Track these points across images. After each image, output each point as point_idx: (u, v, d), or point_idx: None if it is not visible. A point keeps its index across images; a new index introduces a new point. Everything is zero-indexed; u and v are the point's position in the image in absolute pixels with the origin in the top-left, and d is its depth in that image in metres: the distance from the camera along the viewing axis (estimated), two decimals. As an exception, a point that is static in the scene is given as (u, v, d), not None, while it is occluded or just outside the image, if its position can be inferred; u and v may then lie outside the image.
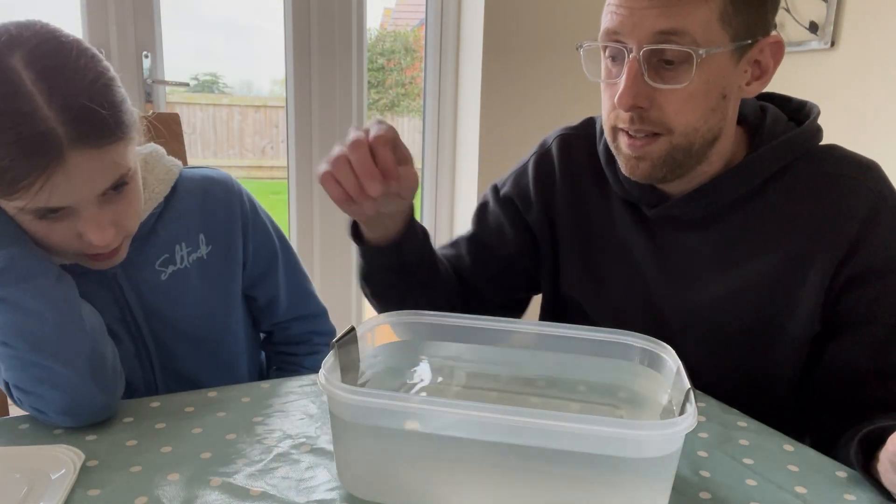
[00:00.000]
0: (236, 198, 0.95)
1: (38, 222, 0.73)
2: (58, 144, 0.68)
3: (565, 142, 1.00)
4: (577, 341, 0.72)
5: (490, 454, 0.57)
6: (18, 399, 0.73)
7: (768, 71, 0.81)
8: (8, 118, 0.66)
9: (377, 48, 8.87)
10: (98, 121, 0.70)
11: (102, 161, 0.72)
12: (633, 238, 0.92)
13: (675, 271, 0.89)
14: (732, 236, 0.86)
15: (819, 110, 0.88)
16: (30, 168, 0.67)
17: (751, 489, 0.63)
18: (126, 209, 0.78)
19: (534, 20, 2.14)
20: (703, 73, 0.77)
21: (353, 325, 0.70)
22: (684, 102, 0.78)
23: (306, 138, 2.13)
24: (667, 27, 0.75)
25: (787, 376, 0.86)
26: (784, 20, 2.06)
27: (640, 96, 0.78)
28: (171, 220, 0.89)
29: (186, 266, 0.90)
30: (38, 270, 0.72)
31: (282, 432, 0.71)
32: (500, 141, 2.17)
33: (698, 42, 0.75)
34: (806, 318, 0.82)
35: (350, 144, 0.71)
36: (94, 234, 0.74)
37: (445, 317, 0.76)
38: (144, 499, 0.58)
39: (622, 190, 0.92)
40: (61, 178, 0.69)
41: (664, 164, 0.82)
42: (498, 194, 1.03)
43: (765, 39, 0.79)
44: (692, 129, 0.80)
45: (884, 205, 0.80)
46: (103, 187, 0.73)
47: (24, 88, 0.67)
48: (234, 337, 0.97)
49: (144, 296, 0.87)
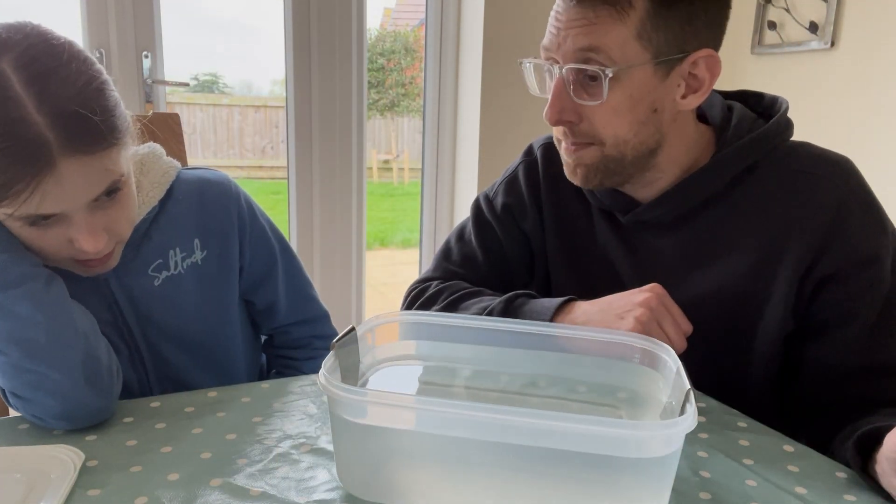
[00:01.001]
0: (233, 201, 0.93)
1: (29, 228, 0.72)
2: (48, 151, 0.66)
3: (549, 150, 1.01)
4: (577, 341, 0.72)
5: (490, 454, 0.57)
6: (16, 405, 0.73)
7: (704, 84, 0.82)
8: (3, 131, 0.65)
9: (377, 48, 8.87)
10: (89, 127, 0.69)
11: (94, 167, 0.70)
12: (612, 244, 0.94)
13: (650, 275, 0.90)
14: (703, 237, 0.87)
15: (787, 105, 0.88)
16: (19, 175, 0.66)
17: (751, 489, 0.63)
18: (118, 215, 0.76)
19: (534, 20, 2.14)
20: (623, 89, 0.79)
21: (353, 326, 0.70)
22: (611, 116, 0.81)
23: (306, 138, 2.13)
24: (584, 45, 0.78)
25: (762, 375, 0.86)
26: (784, 20, 2.06)
27: (566, 111, 0.82)
28: (165, 225, 0.87)
29: (180, 272, 0.88)
30: (28, 275, 0.71)
31: (282, 432, 0.71)
32: (500, 141, 2.17)
33: (614, 60, 0.78)
34: (779, 316, 0.83)
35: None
36: (85, 241, 0.72)
37: (446, 317, 0.76)
38: (144, 499, 0.58)
39: (595, 199, 0.94)
40: (52, 186, 0.67)
41: (597, 171, 0.85)
42: (492, 206, 1.03)
43: (696, 53, 0.80)
44: (622, 141, 0.82)
45: (854, 200, 0.80)
46: (95, 194, 0.72)
47: (13, 93, 0.65)
48: (230, 342, 0.95)
49: (137, 302, 0.86)
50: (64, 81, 0.68)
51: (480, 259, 1.01)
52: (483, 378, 0.77)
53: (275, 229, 1.00)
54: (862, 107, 1.89)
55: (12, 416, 0.76)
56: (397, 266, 5.25)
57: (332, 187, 2.18)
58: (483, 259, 1.01)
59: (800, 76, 2.04)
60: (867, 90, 1.87)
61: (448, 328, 0.75)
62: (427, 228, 2.41)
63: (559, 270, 0.98)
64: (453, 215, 2.39)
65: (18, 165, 0.66)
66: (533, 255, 1.01)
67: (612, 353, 0.72)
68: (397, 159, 8.80)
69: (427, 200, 2.39)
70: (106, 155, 0.71)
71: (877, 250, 0.79)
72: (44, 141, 0.66)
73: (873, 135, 1.86)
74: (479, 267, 1.01)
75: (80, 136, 0.68)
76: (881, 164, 1.82)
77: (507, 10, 2.12)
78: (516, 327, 0.74)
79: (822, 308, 0.81)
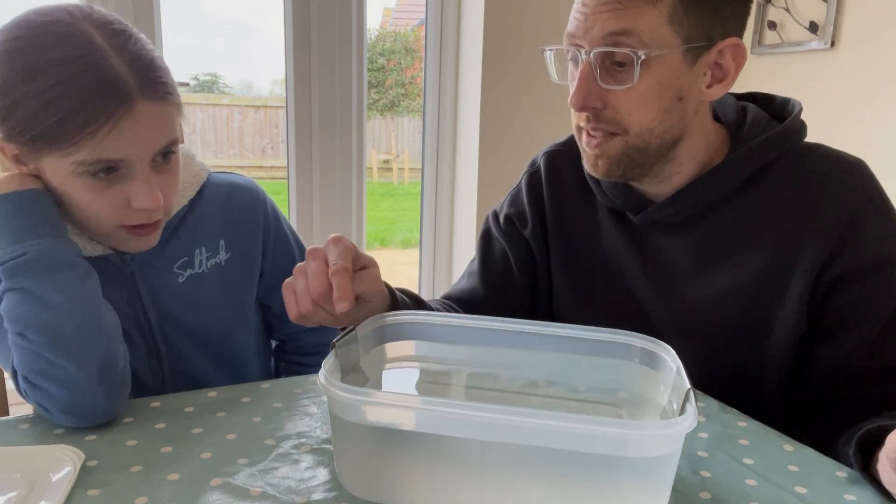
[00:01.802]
0: (260, 206, 0.95)
1: (89, 186, 0.75)
2: (128, 91, 0.72)
3: (552, 158, 1.01)
4: (577, 341, 0.72)
5: (490, 454, 0.57)
6: (24, 390, 0.73)
7: (730, 74, 0.82)
8: (82, 64, 0.70)
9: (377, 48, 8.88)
10: (162, 77, 0.76)
11: (164, 116, 0.76)
12: (620, 246, 0.93)
13: (660, 275, 0.90)
14: (716, 238, 0.86)
15: (801, 106, 0.88)
16: (100, 111, 0.70)
17: (751, 489, 0.63)
18: (171, 182, 0.80)
19: (534, 20, 2.14)
20: (652, 75, 0.78)
21: (354, 326, 0.70)
22: (637, 103, 0.80)
23: (306, 138, 2.13)
24: (615, 29, 0.76)
25: (776, 377, 0.86)
26: (784, 20, 2.06)
27: (591, 97, 0.80)
28: (193, 224, 0.90)
29: (204, 270, 0.90)
30: (67, 265, 0.73)
31: (282, 432, 0.71)
32: (500, 141, 2.17)
33: (646, 43, 0.77)
34: (792, 318, 0.82)
35: (311, 273, 0.70)
36: (146, 195, 0.76)
37: (446, 317, 0.76)
38: (144, 499, 0.58)
39: (606, 199, 0.94)
40: (128, 124, 0.72)
41: (621, 163, 0.84)
42: (498, 220, 1.05)
43: (723, 42, 0.80)
44: (647, 130, 0.81)
45: (869, 203, 0.80)
46: (161, 145, 0.76)
47: (97, 43, 0.71)
48: (245, 343, 0.97)
49: (160, 298, 0.87)
50: (137, 40, 0.76)
51: (475, 269, 1.05)
52: (483, 378, 0.77)
53: (296, 238, 1.02)
54: (862, 107, 1.89)
55: (12, 416, 0.76)
56: (397, 266, 5.25)
57: (332, 187, 2.18)
58: (478, 268, 1.04)
59: (800, 76, 2.04)
60: (867, 90, 1.87)
61: (448, 328, 0.75)
62: (427, 228, 2.41)
63: (561, 274, 0.99)
64: (453, 215, 2.39)
65: (99, 102, 0.70)
66: (535, 261, 1.02)
67: (612, 353, 0.72)
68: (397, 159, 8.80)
69: (427, 200, 2.39)
70: (174, 108, 0.77)
71: (891, 252, 0.79)
72: (125, 82, 0.72)
73: (873, 135, 1.86)
74: (473, 277, 1.05)
75: (155, 83, 0.75)
76: (881, 164, 1.81)
77: (507, 10, 2.12)
78: (516, 327, 0.74)
79: (833, 309, 0.81)
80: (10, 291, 0.72)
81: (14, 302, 0.71)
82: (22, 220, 0.73)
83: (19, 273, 0.71)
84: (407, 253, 5.70)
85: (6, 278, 0.72)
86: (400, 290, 0.87)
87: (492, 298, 1.02)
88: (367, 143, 2.23)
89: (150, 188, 0.76)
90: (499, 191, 1.14)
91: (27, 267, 0.71)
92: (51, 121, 0.70)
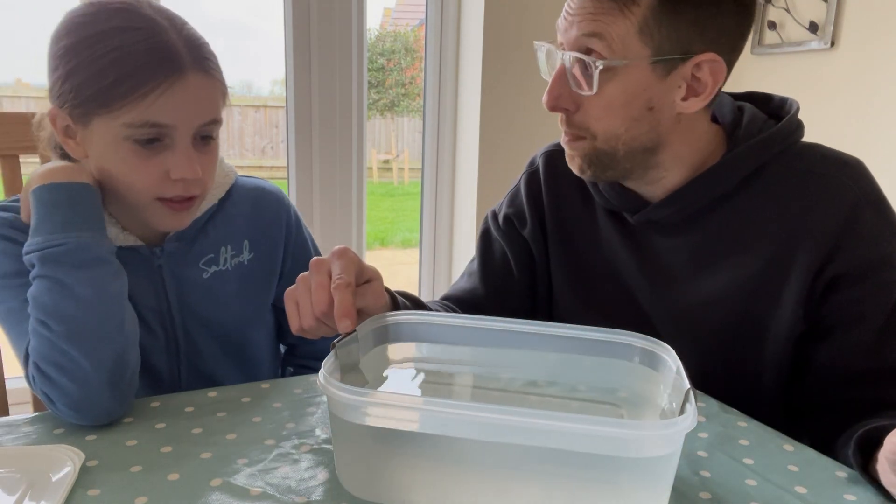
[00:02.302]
0: (284, 211, 0.99)
1: (133, 153, 0.78)
2: (180, 60, 0.77)
3: (551, 158, 1.02)
4: (577, 341, 0.72)
5: (490, 454, 0.57)
6: (33, 377, 0.73)
7: (707, 88, 0.81)
8: (141, 33, 0.76)
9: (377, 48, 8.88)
10: (212, 58, 0.81)
11: (211, 92, 0.81)
12: (618, 246, 0.94)
13: (658, 276, 0.90)
14: (713, 238, 0.86)
15: (798, 106, 0.87)
16: (154, 74, 0.75)
17: (751, 489, 0.63)
18: (209, 164, 0.83)
19: (534, 20, 2.14)
20: (619, 83, 0.79)
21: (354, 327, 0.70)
22: (604, 110, 0.81)
23: (306, 138, 2.13)
24: (588, 31, 0.78)
25: (773, 377, 0.86)
26: (784, 20, 2.06)
27: (563, 98, 0.82)
28: (220, 223, 0.93)
29: (228, 268, 0.93)
30: (101, 261, 0.75)
31: (282, 432, 0.71)
32: (499, 140, 2.17)
33: (615, 51, 0.78)
34: (789, 318, 0.82)
35: (314, 287, 0.70)
36: (185, 165, 0.79)
37: (446, 317, 0.76)
38: (144, 499, 0.59)
39: (603, 199, 0.94)
40: (178, 91, 0.76)
41: (590, 164, 0.86)
42: (497, 220, 1.05)
43: (700, 56, 0.79)
44: (613, 136, 0.82)
45: (866, 203, 0.80)
46: (205, 119, 0.80)
47: (157, 19, 0.78)
48: (259, 344, 0.99)
49: (184, 291, 0.90)
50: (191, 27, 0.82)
51: (475, 269, 1.05)
52: (483, 378, 0.77)
53: (315, 245, 1.06)
54: (862, 107, 1.89)
55: (12, 416, 0.76)
56: (397, 266, 5.25)
57: (332, 187, 2.18)
58: (478, 268, 1.04)
59: (800, 76, 2.04)
60: (867, 90, 1.87)
61: (448, 328, 0.75)
62: (427, 228, 2.41)
63: (560, 274, 0.99)
64: (453, 215, 2.39)
65: (154, 67, 0.75)
66: (535, 261, 1.02)
67: (612, 353, 0.72)
68: (397, 159, 8.80)
69: (427, 200, 2.38)
70: (220, 84, 0.82)
71: (888, 253, 0.79)
72: (179, 53, 0.77)
73: (873, 135, 1.86)
74: (473, 277, 1.04)
75: (207, 58, 0.80)
76: (881, 164, 1.82)
77: (507, 10, 2.12)
78: (516, 327, 0.74)
79: (831, 310, 0.81)
80: (41, 278, 0.73)
81: (43, 289, 0.73)
82: (66, 211, 0.76)
83: (54, 262, 0.73)
84: (407, 253, 5.71)
85: (40, 265, 0.73)
86: (400, 294, 0.87)
87: (492, 299, 1.02)
88: (367, 143, 2.23)
89: (190, 160, 0.79)
90: (499, 191, 1.14)
91: (63, 258, 0.73)
92: (106, 81, 0.75)
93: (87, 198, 0.78)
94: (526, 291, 1.03)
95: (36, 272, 0.74)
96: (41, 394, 0.73)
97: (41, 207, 0.76)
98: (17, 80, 4.67)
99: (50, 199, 0.76)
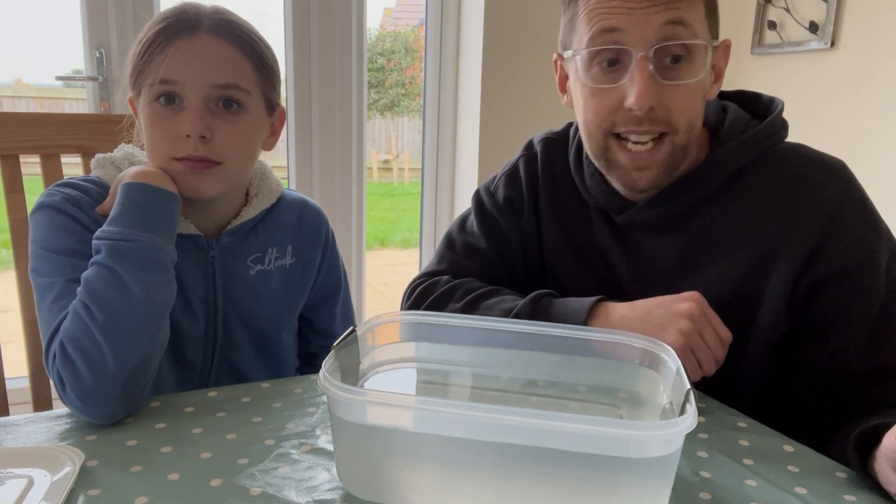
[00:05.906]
0: (324, 224, 1.07)
1: (155, 113, 0.83)
2: (195, 24, 0.83)
3: (549, 146, 1.00)
4: (577, 341, 0.72)
5: (490, 454, 0.57)
6: (54, 355, 0.74)
7: (722, 73, 0.83)
8: (175, 9, 0.84)
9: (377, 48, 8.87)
10: (239, 28, 0.85)
11: (226, 56, 0.84)
12: (608, 244, 0.93)
13: (645, 276, 0.90)
14: (697, 239, 0.86)
15: (783, 105, 0.87)
16: (171, 36, 0.82)
17: (751, 489, 0.63)
18: (231, 133, 0.85)
19: (534, 20, 2.14)
20: (699, 69, 0.79)
21: (354, 326, 0.70)
22: (687, 99, 0.79)
23: (306, 138, 2.13)
24: (674, 18, 0.76)
25: (755, 376, 0.86)
26: (784, 20, 2.06)
27: (652, 95, 0.77)
28: (270, 226, 0.99)
29: (272, 269, 0.98)
30: (161, 268, 0.77)
31: (282, 432, 0.71)
32: (499, 141, 2.17)
33: (698, 36, 0.77)
34: (772, 318, 0.82)
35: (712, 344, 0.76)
36: (189, 122, 0.81)
37: (446, 317, 0.76)
38: (144, 499, 0.59)
39: (590, 198, 0.93)
40: (187, 48, 0.81)
41: (666, 169, 0.83)
42: (494, 197, 1.02)
43: (722, 42, 0.82)
44: (690, 127, 0.81)
45: (848, 203, 0.80)
46: (215, 81, 0.82)
47: (200, 5, 0.85)
48: (288, 346, 1.04)
49: (231, 284, 0.94)
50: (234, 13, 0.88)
51: (485, 248, 1.00)
52: (483, 378, 0.77)
53: (342, 262, 1.12)
54: (862, 107, 1.89)
55: (12, 416, 0.76)
56: (397, 266, 5.26)
57: (332, 187, 2.18)
58: (488, 248, 0.99)
59: (800, 76, 2.04)
60: (867, 90, 1.87)
61: (448, 328, 0.75)
62: (427, 228, 2.41)
63: (557, 266, 0.98)
64: (453, 215, 2.39)
65: (171, 30, 0.82)
66: (526, 250, 1.00)
67: (612, 353, 0.72)
68: (397, 159, 8.80)
69: (427, 200, 2.39)
70: (244, 58, 0.85)
71: (872, 253, 0.79)
72: (197, 19, 0.83)
73: (873, 135, 1.86)
74: (484, 257, 0.99)
75: (228, 28, 0.84)
76: (881, 164, 1.82)
77: (507, 10, 2.12)
78: (516, 327, 0.74)
79: (817, 311, 0.81)
80: (101, 266, 0.75)
81: (98, 276, 0.74)
82: (147, 212, 0.79)
83: (120, 255, 0.75)
84: (407, 253, 5.71)
85: (106, 254, 0.75)
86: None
87: (507, 276, 0.99)
88: (367, 143, 2.23)
89: (196, 119, 0.81)
90: (499, 191, 1.13)
91: (131, 253, 0.75)
92: (145, 51, 0.83)
93: (169, 205, 0.81)
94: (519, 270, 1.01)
95: (100, 258, 0.75)
96: (55, 375, 0.74)
97: (126, 201, 0.79)
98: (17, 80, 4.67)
99: (136, 197, 0.80)
